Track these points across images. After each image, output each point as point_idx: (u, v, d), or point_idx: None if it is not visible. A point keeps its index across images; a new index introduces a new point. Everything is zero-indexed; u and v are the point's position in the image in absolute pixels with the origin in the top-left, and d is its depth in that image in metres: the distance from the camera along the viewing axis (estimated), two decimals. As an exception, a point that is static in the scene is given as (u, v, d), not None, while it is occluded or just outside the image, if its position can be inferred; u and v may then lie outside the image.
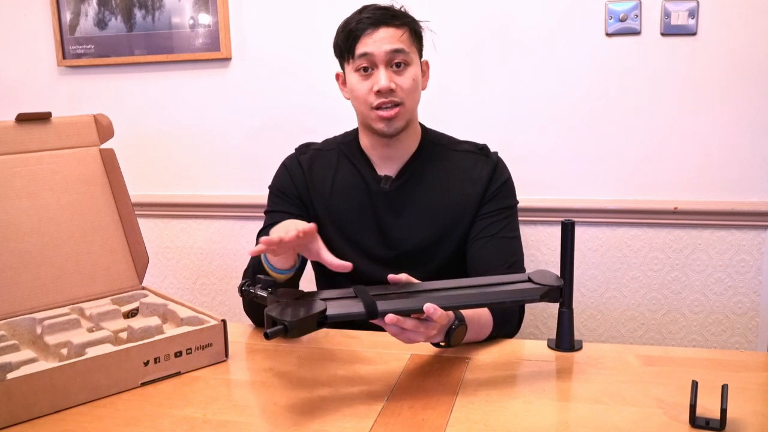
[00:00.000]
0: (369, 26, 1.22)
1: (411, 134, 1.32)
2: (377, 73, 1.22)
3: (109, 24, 1.94)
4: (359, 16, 1.24)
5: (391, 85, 1.21)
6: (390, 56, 1.22)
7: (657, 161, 1.70)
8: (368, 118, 1.26)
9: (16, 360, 0.98)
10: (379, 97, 1.22)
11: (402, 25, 1.24)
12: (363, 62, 1.23)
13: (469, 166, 1.33)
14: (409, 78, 1.24)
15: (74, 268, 1.25)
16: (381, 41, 1.22)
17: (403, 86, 1.23)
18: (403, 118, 1.25)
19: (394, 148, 1.31)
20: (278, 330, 0.89)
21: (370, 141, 1.32)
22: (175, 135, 1.98)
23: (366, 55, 1.22)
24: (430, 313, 0.95)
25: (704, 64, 1.63)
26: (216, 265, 2.02)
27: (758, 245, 1.68)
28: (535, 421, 0.90)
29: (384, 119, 1.23)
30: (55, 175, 1.27)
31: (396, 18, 1.24)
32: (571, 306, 1.12)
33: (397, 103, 1.23)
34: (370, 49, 1.21)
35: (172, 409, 0.96)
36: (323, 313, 0.93)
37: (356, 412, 0.93)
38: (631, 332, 1.79)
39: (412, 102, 1.26)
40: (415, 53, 1.26)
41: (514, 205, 1.34)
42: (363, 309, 0.94)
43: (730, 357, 1.10)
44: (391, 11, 1.25)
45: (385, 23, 1.22)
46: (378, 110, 1.23)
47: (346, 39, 1.24)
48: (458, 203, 1.31)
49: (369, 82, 1.23)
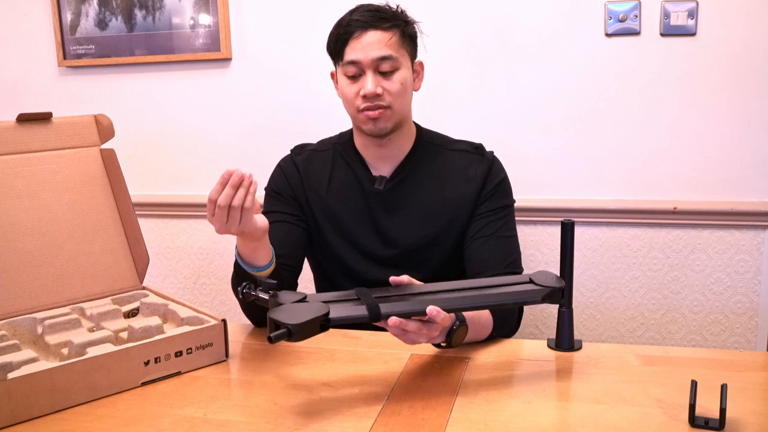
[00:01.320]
0: (357, 29, 1.22)
1: (405, 134, 1.32)
2: (364, 78, 1.23)
3: (110, 24, 1.94)
4: (349, 18, 1.24)
5: (377, 90, 1.22)
6: (376, 63, 1.22)
7: (656, 161, 1.70)
8: (356, 120, 1.28)
9: (16, 360, 0.98)
10: (365, 101, 1.23)
11: (391, 28, 1.23)
12: (351, 69, 1.23)
13: (464, 166, 1.33)
14: (397, 82, 1.24)
15: (75, 268, 1.25)
16: (368, 47, 1.22)
17: (391, 90, 1.23)
18: (390, 119, 1.25)
19: (388, 148, 1.31)
20: (282, 334, 0.89)
21: (363, 141, 1.33)
22: (176, 135, 1.98)
23: (354, 63, 1.23)
24: (433, 315, 0.96)
25: (704, 64, 1.63)
26: (216, 265, 2.03)
27: (757, 245, 1.68)
28: (535, 421, 0.90)
29: (370, 119, 1.24)
30: (55, 176, 1.28)
31: (385, 20, 1.23)
32: (570, 306, 1.12)
33: (383, 107, 1.23)
34: (357, 56, 1.22)
35: (173, 409, 0.96)
36: (326, 317, 0.93)
37: (356, 412, 0.93)
38: (630, 332, 1.79)
39: (401, 105, 1.26)
40: (405, 56, 1.26)
41: (511, 205, 1.35)
42: (366, 312, 0.95)
43: (730, 357, 1.10)
44: (382, 12, 1.25)
45: (373, 26, 1.22)
46: (365, 112, 1.24)
47: (335, 41, 1.25)
48: (454, 203, 1.31)
49: (357, 85, 1.24)
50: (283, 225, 1.32)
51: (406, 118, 1.31)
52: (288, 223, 1.33)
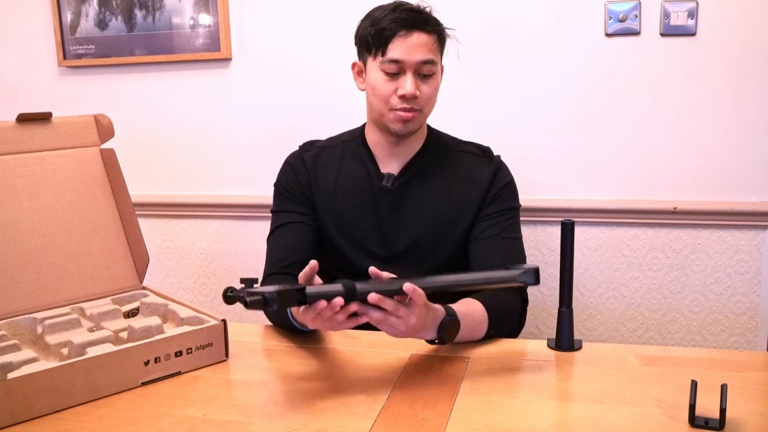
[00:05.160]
0: (403, 28, 1.21)
1: (418, 133, 1.33)
2: (404, 78, 1.22)
3: (110, 24, 1.94)
4: (393, 15, 1.23)
5: (416, 92, 1.22)
6: (419, 66, 1.22)
7: (656, 161, 1.70)
8: (384, 117, 1.26)
9: (16, 360, 0.98)
10: (401, 102, 1.23)
11: (433, 32, 1.24)
12: (392, 67, 1.23)
13: (471, 167, 1.34)
14: (433, 87, 1.26)
15: (75, 268, 1.25)
16: (413, 48, 1.21)
17: (426, 94, 1.24)
18: (418, 122, 1.27)
19: (401, 146, 1.32)
20: (258, 300, 0.89)
21: (378, 137, 1.33)
22: (176, 135, 1.98)
23: (397, 62, 1.22)
24: (410, 291, 0.96)
25: (704, 64, 1.63)
26: (216, 265, 2.03)
27: (757, 245, 1.68)
28: (534, 420, 0.90)
29: (402, 120, 1.25)
30: (55, 175, 1.28)
31: (428, 24, 1.23)
32: (570, 306, 1.12)
33: (416, 109, 1.24)
34: (402, 56, 1.21)
35: (173, 409, 0.96)
36: (303, 290, 0.93)
37: (356, 412, 0.93)
38: (630, 332, 1.79)
39: (430, 109, 1.29)
40: (440, 61, 1.27)
41: (516, 208, 1.35)
42: (342, 288, 0.95)
43: (730, 357, 1.10)
44: (424, 15, 1.25)
45: (418, 27, 1.22)
46: (398, 111, 1.24)
47: (377, 36, 1.23)
48: (459, 203, 1.31)
49: (394, 84, 1.23)
50: (296, 227, 1.32)
51: None
52: (301, 224, 1.33)
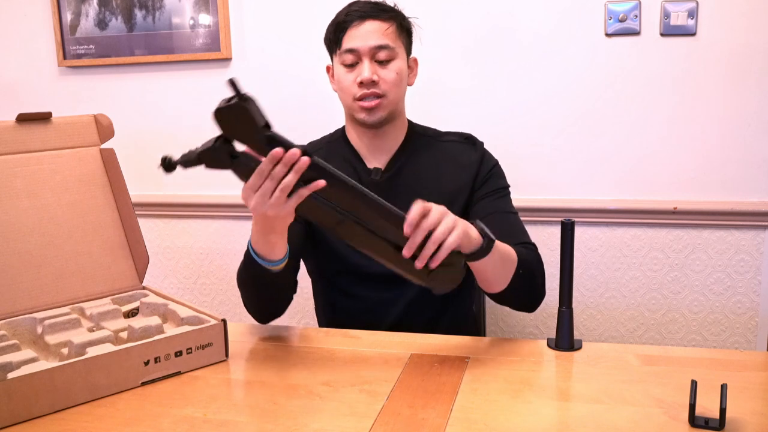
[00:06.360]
0: (356, 18, 1.25)
1: (398, 127, 1.33)
2: (361, 65, 1.25)
3: (110, 24, 1.94)
4: (348, 9, 1.28)
5: (373, 76, 1.24)
6: (374, 51, 1.24)
7: (656, 161, 1.70)
8: (352, 109, 1.29)
9: (16, 360, 0.98)
10: (361, 89, 1.25)
11: (389, 19, 1.26)
12: (349, 57, 1.26)
13: (457, 154, 1.35)
14: (393, 71, 1.26)
15: (75, 268, 1.25)
16: (366, 35, 1.24)
17: (387, 79, 1.25)
18: (384, 108, 1.27)
19: (382, 139, 1.32)
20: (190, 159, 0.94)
21: (357, 133, 1.34)
22: (176, 135, 1.98)
23: (352, 51, 1.25)
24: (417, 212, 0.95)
25: (704, 64, 1.63)
26: (216, 264, 2.03)
27: (757, 245, 1.68)
28: (535, 420, 0.90)
29: (365, 109, 1.26)
30: (55, 175, 1.27)
31: (383, 11, 1.27)
32: (570, 305, 1.12)
33: (378, 95, 1.25)
34: (355, 44, 1.24)
35: (172, 409, 0.96)
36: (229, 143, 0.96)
37: (356, 412, 0.93)
38: (630, 332, 1.79)
39: (395, 95, 1.28)
40: (401, 48, 1.28)
41: (508, 187, 1.36)
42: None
43: (730, 356, 1.10)
44: (380, 5, 1.28)
45: (372, 16, 1.25)
46: (360, 101, 1.26)
47: (333, 31, 1.28)
48: (450, 191, 1.32)
49: (353, 74, 1.26)
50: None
51: (400, 111, 1.33)
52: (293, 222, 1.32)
